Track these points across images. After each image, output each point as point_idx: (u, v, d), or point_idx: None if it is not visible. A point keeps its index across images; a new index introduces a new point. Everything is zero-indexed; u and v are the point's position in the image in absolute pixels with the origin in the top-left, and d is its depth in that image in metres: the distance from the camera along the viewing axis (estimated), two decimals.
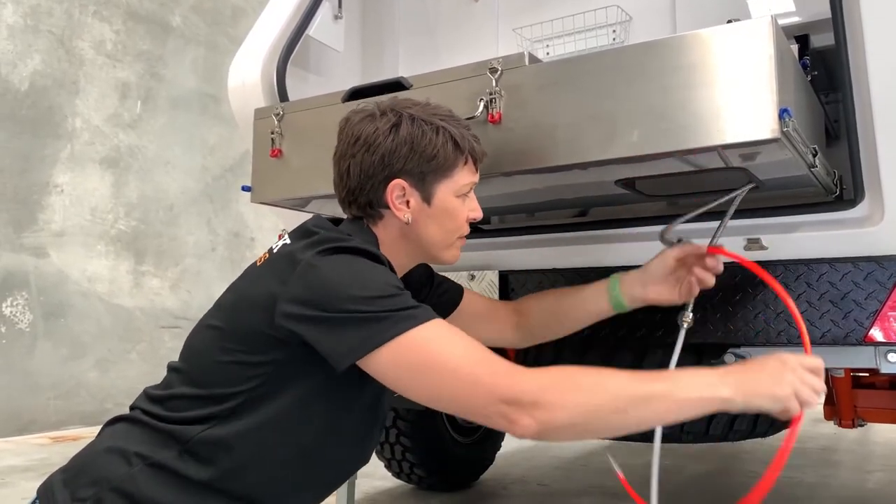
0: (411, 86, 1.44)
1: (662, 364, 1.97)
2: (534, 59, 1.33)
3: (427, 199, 1.19)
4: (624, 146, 1.21)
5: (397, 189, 1.17)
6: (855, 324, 1.48)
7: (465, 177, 1.22)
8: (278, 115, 1.64)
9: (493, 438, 3.55)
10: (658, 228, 1.71)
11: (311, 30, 2.05)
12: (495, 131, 1.33)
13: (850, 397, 2.48)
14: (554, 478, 3.67)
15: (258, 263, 1.16)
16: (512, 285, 1.92)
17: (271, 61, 2.01)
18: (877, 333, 1.46)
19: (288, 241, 1.15)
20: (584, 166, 1.30)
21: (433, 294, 1.43)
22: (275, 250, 1.15)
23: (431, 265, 1.42)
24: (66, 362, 4.93)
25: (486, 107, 1.33)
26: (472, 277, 1.94)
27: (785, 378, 1.02)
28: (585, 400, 0.95)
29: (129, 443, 1.08)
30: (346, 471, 1.21)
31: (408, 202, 1.18)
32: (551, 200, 1.77)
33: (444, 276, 1.49)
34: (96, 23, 5.23)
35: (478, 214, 1.25)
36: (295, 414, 1.08)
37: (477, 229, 2.10)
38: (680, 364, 1.97)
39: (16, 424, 4.66)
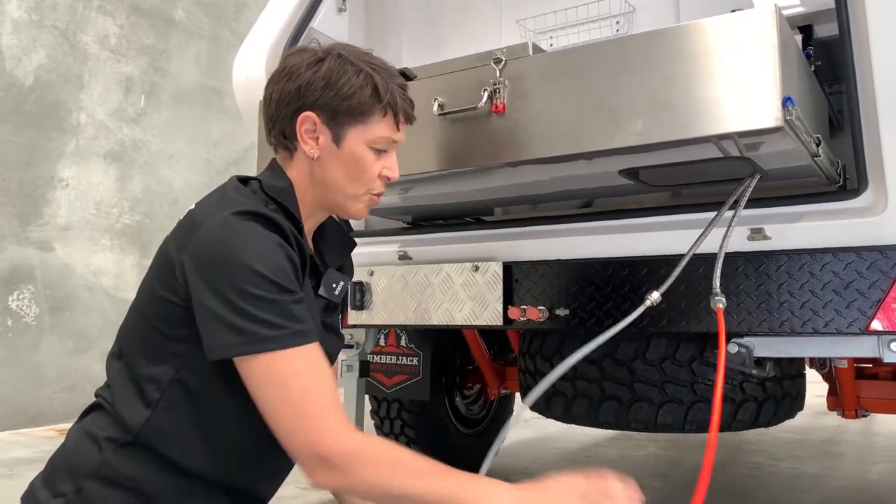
0: (415, 76, 1.45)
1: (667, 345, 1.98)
2: (538, 49, 1.34)
3: (337, 140, 1.15)
4: (628, 135, 1.22)
5: (307, 122, 1.14)
6: (858, 313, 1.48)
7: (381, 129, 1.17)
8: None
9: (496, 430, 3.57)
10: (662, 219, 1.73)
11: (315, 22, 2.05)
12: (499, 121, 1.34)
13: (853, 388, 2.49)
14: (558, 469, 3.68)
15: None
16: (516, 276, 1.93)
17: (275, 55, 2.02)
18: (879, 323, 1.46)
19: (193, 207, 1.12)
20: (588, 156, 1.30)
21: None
22: (183, 216, 1.13)
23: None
24: (71, 355, 4.95)
25: (490, 97, 1.34)
26: (476, 269, 1.95)
27: None
28: (384, 481, 0.97)
29: (98, 429, 1.09)
30: None
31: (317, 138, 1.15)
32: (555, 192, 1.78)
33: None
34: (100, 17, 5.24)
35: (392, 174, 1.21)
36: (223, 390, 1.06)
37: (480, 220, 2.11)
38: (680, 351, 1.99)
39: (23, 417, 4.69)
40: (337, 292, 1.24)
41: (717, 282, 1.35)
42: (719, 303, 1.34)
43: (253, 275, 0.98)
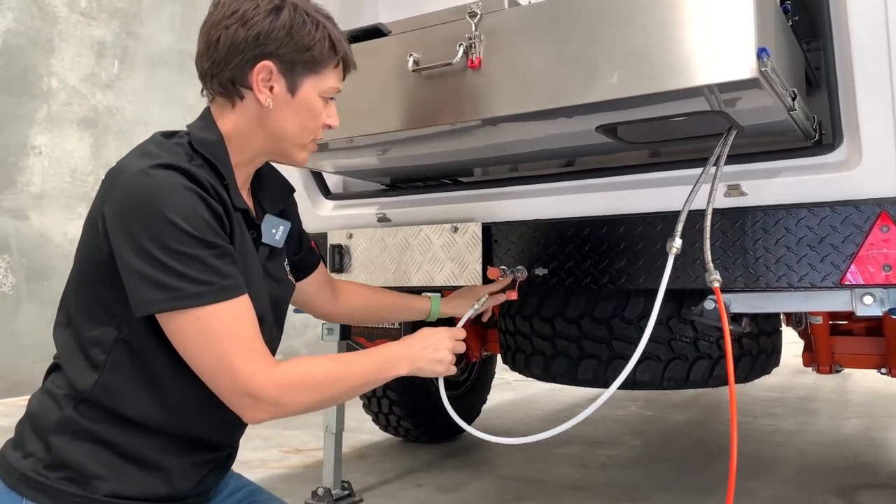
0: (389, 32, 1.43)
1: (645, 306, 2.00)
2: (513, 3, 1.32)
3: (292, 89, 1.15)
4: (604, 89, 1.21)
5: (264, 71, 1.13)
6: (832, 267, 1.50)
7: (332, 79, 1.19)
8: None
9: (479, 392, 3.60)
10: (640, 177, 1.73)
11: None
12: (475, 77, 1.33)
13: (827, 344, 2.53)
14: (538, 429, 3.73)
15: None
16: (495, 237, 1.93)
17: None
18: (853, 276, 1.48)
19: (114, 164, 1.10)
20: (564, 111, 1.29)
21: (300, 251, 1.43)
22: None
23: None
24: (50, 324, 4.88)
25: (465, 52, 1.32)
26: (455, 230, 1.94)
27: (438, 346, 1.27)
28: (314, 398, 1.10)
29: (56, 388, 1.09)
30: None
31: (272, 88, 1.14)
32: (534, 151, 1.77)
33: (310, 238, 1.48)
34: None
35: (334, 122, 1.23)
36: (165, 345, 1.06)
37: (458, 181, 2.10)
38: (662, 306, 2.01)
39: (3, 386, 4.67)
40: (277, 237, 1.25)
41: (708, 255, 1.35)
42: (715, 282, 1.35)
43: (172, 228, 0.98)
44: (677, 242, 1.36)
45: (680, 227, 1.36)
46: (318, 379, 1.10)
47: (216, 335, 1.01)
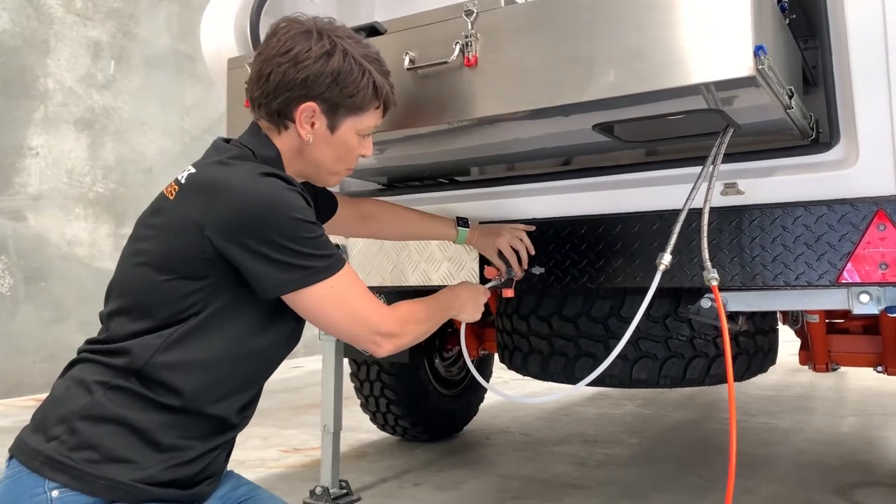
0: (385, 31, 1.42)
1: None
2: (509, 1, 1.32)
3: (332, 128, 1.27)
4: (600, 87, 1.20)
5: (308, 110, 1.24)
6: (829, 265, 1.50)
7: (371, 119, 1.31)
8: (251, 64, 1.60)
9: (476, 390, 3.60)
10: (636, 176, 1.73)
11: None
12: (471, 75, 1.32)
13: (824, 342, 2.54)
14: (536, 427, 3.74)
15: (170, 196, 1.20)
16: None
17: (244, 15, 1.96)
18: (849, 274, 1.48)
19: (193, 171, 1.20)
20: (561, 110, 1.29)
21: (320, 202, 1.54)
22: (182, 180, 1.19)
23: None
24: (49, 326, 4.91)
25: (461, 50, 1.32)
26: None
27: (478, 299, 1.56)
28: (420, 329, 1.35)
29: (87, 375, 1.13)
30: (277, 364, 1.32)
31: (313, 124, 1.26)
32: (530, 150, 1.77)
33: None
34: None
35: (368, 153, 1.35)
36: (226, 328, 1.16)
37: (454, 181, 2.10)
38: (654, 308, 2.01)
39: (2, 387, 4.66)
40: None
41: (705, 254, 1.35)
42: (713, 280, 1.36)
43: (297, 221, 1.13)
44: (666, 259, 1.38)
45: (673, 241, 1.38)
46: (421, 314, 1.35)
47: (344, 296, 1.20)
